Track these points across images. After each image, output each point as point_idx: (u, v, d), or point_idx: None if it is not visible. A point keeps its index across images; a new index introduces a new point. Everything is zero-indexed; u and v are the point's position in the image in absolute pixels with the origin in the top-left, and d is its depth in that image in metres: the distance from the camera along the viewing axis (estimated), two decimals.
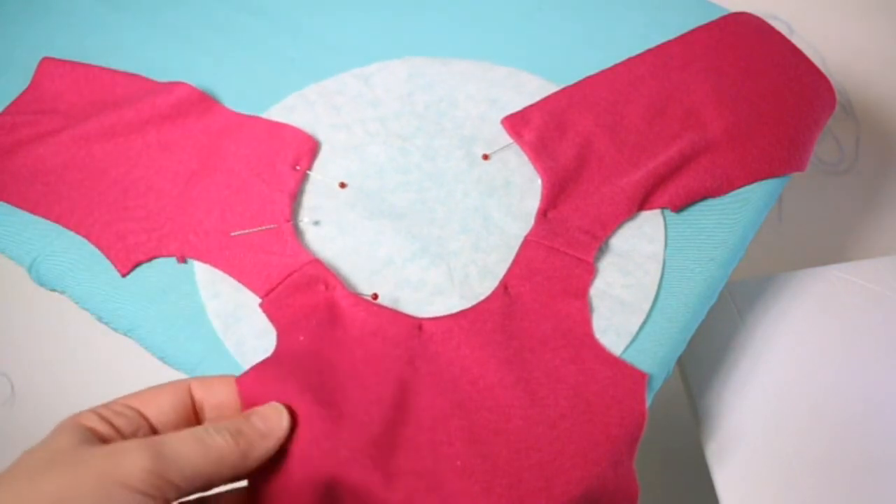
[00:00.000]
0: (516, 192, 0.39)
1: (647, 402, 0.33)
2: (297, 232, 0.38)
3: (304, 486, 0.31)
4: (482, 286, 0.36)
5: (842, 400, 0.41)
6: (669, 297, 0.37)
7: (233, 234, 0.38)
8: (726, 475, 0.39)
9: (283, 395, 0.32)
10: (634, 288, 0.36)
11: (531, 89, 0.43)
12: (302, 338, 0.34)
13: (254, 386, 0.32)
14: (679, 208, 0.39)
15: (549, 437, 0.32)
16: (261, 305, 0.35)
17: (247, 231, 0.38)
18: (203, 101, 0.42)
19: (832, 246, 0.66)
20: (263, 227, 0.38)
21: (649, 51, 0.44)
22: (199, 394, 0.30)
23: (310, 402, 0.32)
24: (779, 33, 0.45)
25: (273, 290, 0.36)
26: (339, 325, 0.34)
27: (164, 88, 0.42)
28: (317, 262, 0.36)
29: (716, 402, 0.41)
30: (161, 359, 0.37)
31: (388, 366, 0.33)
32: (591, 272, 0.36)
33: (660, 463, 0.54)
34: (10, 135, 0.41)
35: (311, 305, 0.35)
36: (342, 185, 0.40)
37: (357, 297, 0.35)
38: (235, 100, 0.43)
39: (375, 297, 0.36)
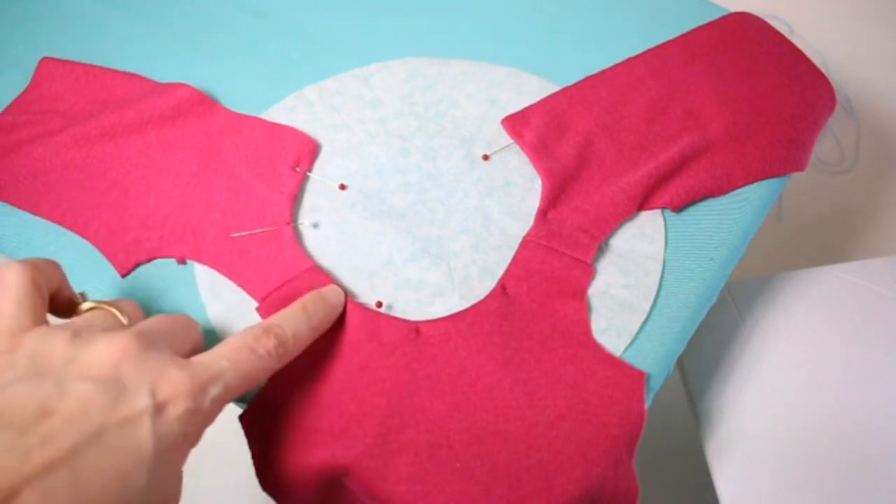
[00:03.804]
0: (516, 192, 0.39)
1: (647, 402, 0.33)
2: (297, 234, 0.38)
3: (305, 494, 0.32)
4: (482, 286, 0.36)
5: (842, 400, 0.41)
6: (669, 297, 0.37)
7: (233, 235, 0.38)
8: (726, 475, 0.39)
9: (285, 423, 0.32)
10: (634, 288, 0.36)
11: (531, 89, 0.43)
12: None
13: (256, 419, 0.33)
14: (679, 208, 0.39)
15: (548, 438, 0.32)
16: (258, 309, 0.35)
17: (247, 233, 0.38)
18: (203, 103, 0.42)
19: (832, 246, 0.66)
20: (263, 230, 0.38)
21: (649, 51, 0.44)
22: (40, 280, 0.29)
23: (309, 418, 0.32)
24: (779, 33, 0.45)
25: (271, 293, 0.36)
26: (337, 332, 0.34)
27: (165, 89, 0.42)
28: (316, 268, 0.36)
29: (716, 402, 0.41)
30: None
31: (384, 373, 0.33)
32: (589, 273, 0.36)
33: (660, 463, 0.54)
34: (10, 135, 0.41)
35: None
36: (342, 187, 0.40)
37: (355, 303, 0.35)
38: (235, 100, 0.43)
39: (380, 304, 0.36)
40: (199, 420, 0.27)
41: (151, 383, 0.26)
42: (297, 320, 0.32)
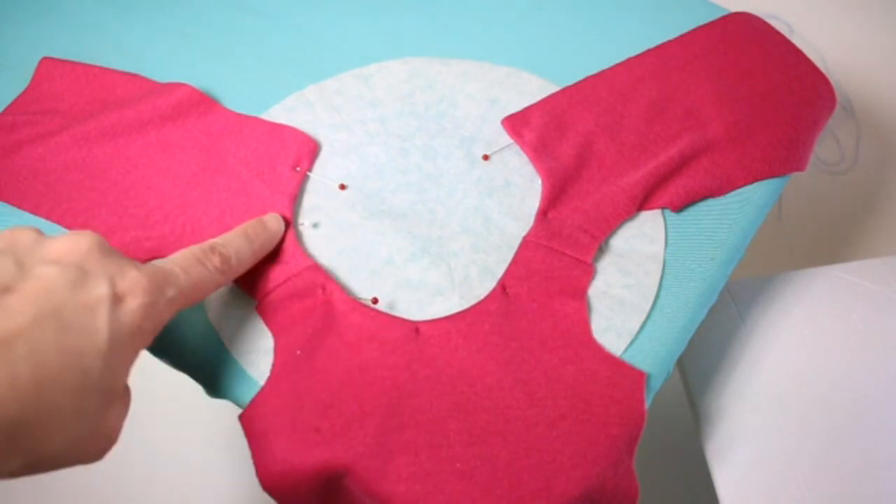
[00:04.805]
0: (516, 192, 0.39)
1: (647, 402, 0.33)
2: (296, 233, 0.38)
3: (305, 494, 0.32)
4: (482, 286, 0.36)
5: (842, 400, 0.41)
6: (669, 297, 0.37)
7: None
8: (726, 475, 0.39)
9: (285, 423, 0.32)
10: (634, 288, 0.36)
11: (531, 89, 0.43)
12: (299, 352, 0.34)
13: (256, 419, 0.33)
14: (679, 208, 0.39)
15: (548, 438, 0.32)
16: (257, 308, 0.36)
17: None
18: (203, 102, 0.42)
19: (832, 246, 0.66)
20: None
21: (649, 51, 0.44)
22: None
23: (309, 417, 0.32)
24: (779, 33, 0.45)
25: (270, 292, 0.36)
26: (336, 331, 0.34)
27: (165, 89, 0.42)
28: (315, 266, 0.36)
29: (716, 402, 0.41)
30: (160, 359, 0.37)
31: (384, 373, 0.33)
32: (589, 273, 0.36)
33: (660, 463, 0.54)
34: (10, 135, 0.41)
35: (308, 310, 0.35)
36: (342, 187, 0.40)
37: (354, 301, 0.35)
38: (235, 100, 0.43)
39: (375, 301, 0.36)
40: (154, 317, 0.28)
41: (112, 275, 0.27)
42: (240, 242, 0.34)
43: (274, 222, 0.37)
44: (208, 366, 0.35)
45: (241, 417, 0.33)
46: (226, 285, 0.33)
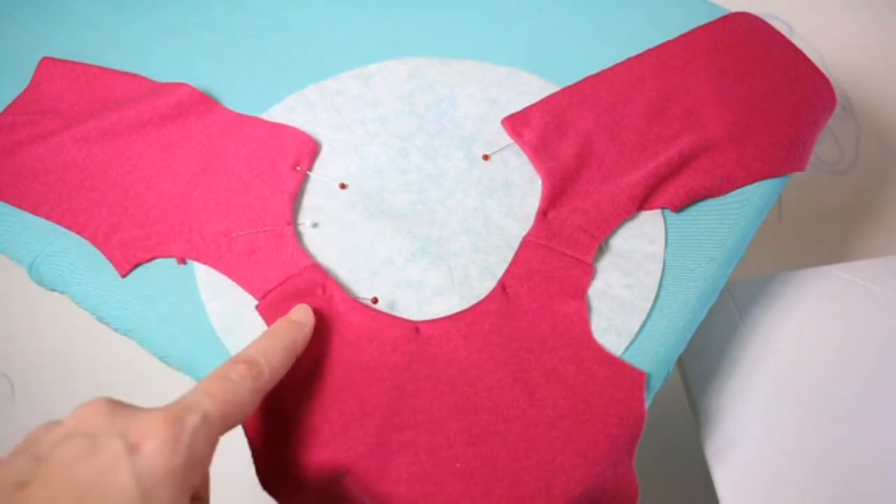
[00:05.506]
0: (517, 192, 0.39)
1: (647, 402, 0.33)
2: (297, 233, 0.38)
3: (305, 494, 0.32)
4: (482, 286, 0.36)
5: (841, 400, 0.41)
6: (669, 297, 0.37)
7: (233, 235, 0.38)
8: (726, 475, 0.39)
9: (286, 423, 0.32)
10: (634, 288, 0.36)
11: (531, 89, 0.43)
12: None
13: (256, 419, 0.33)
14: (679, 208, 0.39)
15: (548, 438, 0.32)
16: (257, 307, 0.36)
17: (247, 233, 0.38)
18: (203, 102, 0.42)
19: (832, 246, 0.66)
20: (263, 230, 0.38)
21: (649, 51, 0.44)
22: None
23: (309, 417, 0.32)
24: (779, 33, 0.45)
25: (270, 291, 0.36)
26: (336, 331, 0.34)
27: (165, 89, 0.42)
28: (316, 266, 0.36)
29: (716, 402, 0.41)
30: (161, 359, 0.37)
31: (384, 373, 0.33)
32: (589, 273, 0.36)
33: (660, 463, 0.54)
34: (10, 135, 0.41)
35: None
36: (342, 186, 0.40)
37: (355, 301, 0.35)
38: (235, 100, 0.43)
39: (375, 300, 0.36)
40: (181, 450, 0.27)
41: (121, 429, 0.27)
42: (263, 343, 0.32)
43: (297, 314, 0.34)
44: (209, 366, 0.35)
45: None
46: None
